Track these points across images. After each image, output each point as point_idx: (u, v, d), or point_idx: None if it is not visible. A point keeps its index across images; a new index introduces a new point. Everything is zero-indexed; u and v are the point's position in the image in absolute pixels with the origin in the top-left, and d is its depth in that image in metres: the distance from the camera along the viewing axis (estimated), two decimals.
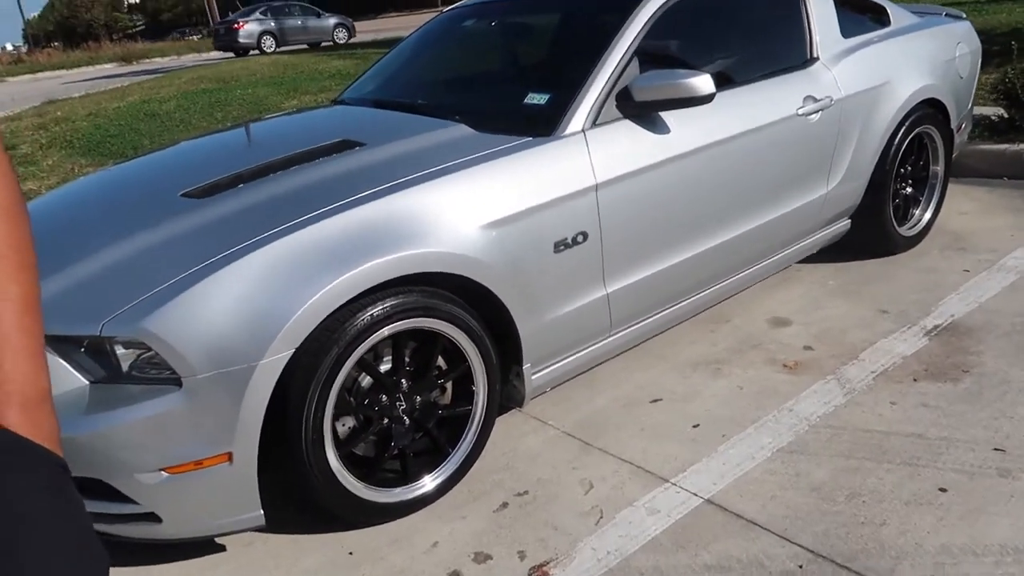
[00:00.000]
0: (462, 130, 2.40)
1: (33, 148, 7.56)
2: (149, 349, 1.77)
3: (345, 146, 2.40)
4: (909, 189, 3.60)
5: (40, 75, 24.11)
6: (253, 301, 1.79)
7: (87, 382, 1.85)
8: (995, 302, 3.02)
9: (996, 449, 2.15)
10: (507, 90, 2.74)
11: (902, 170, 3.49)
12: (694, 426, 2.42)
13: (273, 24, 21.80)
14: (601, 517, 2.06)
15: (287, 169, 2.28)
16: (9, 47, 72.57)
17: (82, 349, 1.84)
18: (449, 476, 2.18)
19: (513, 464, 2.33)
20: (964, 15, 4.02)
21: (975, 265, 3.36)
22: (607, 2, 2.70)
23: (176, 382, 1.78)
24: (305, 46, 21.56)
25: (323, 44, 21.75)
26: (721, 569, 1.83)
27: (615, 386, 2.70)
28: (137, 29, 72.95)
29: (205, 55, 25.95)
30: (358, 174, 2.16)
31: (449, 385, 2.21)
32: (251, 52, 20.69)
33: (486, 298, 2.14)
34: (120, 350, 1.81)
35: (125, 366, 1.82)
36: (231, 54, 21.15)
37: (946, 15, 3.95)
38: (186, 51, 28.23)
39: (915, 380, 2.55)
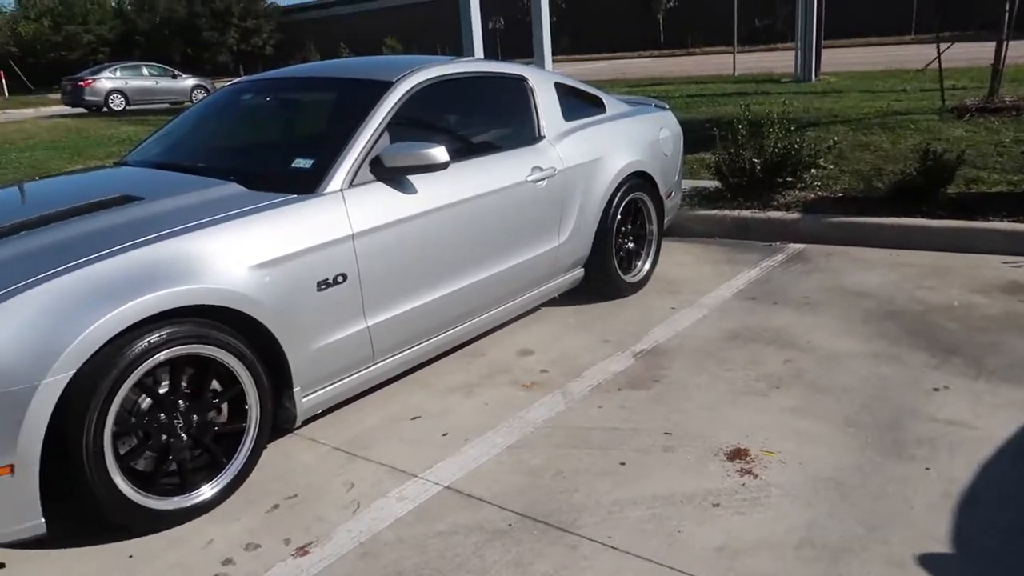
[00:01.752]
0: (235, 188, 2.80)
1: None
2: None
3: (125, 200, 2.71)
4: (631, 244, 4.41)
5: None
6: (37, 329, 2.05)
7: None
8: (688, 330, 3.81)
9: (666, 433, 2.82)
10: (277, 155, 3.17)
11: (623, 228, 4.29)
12: (444, 434, 2.90)
13: (124, 83, 21.99)
14: (358, 507, 2.46)
15: (69, 219, 2.55)
16: None
17: None
18: (226, 485, 2.49)
19: (286, 475, 2.67)
20: (667, 106, 5.01)
21: (680, 304, 4.19)
22: (362, 87, 3.23)
23: None
24: (167, 105, 21.87)
25: (186, 104, 21.72)
26: (449, 533, 2.30)
27: (383, 408, 3.13)
28: None
29: None
30: (137, 222, 2.48)
31: (225, 405, 2.53)
32: (102, 110, 21.06)
33: (256, 329, 2.51)
34: None
35: None
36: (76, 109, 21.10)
37: (655, 106, 4.90)
38: None
39: (619, 389, 3.21)
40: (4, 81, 35.66)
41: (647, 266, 4.50)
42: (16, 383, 2.00)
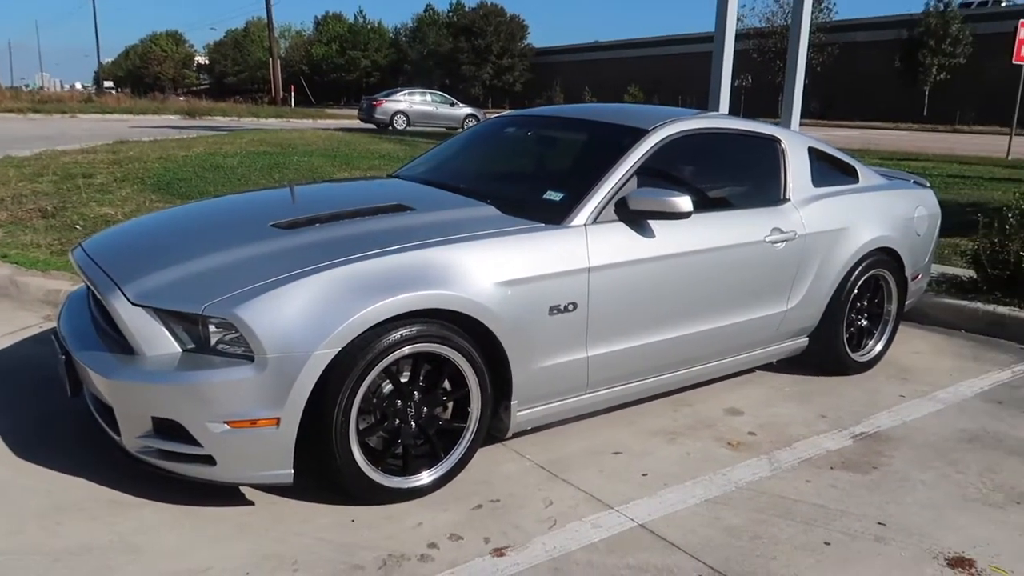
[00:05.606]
0: (491, 210, 3.06)
1: (108, 180, 8.39)
2: (234, 330, 2.37)
3: (399, 208, 3.07)
4: (864, 321, 4.19)
5: (109, 116, 25.66)
6: (317, 307, 2.40)
7: (180, 349, 2.44)
8: (918, 422, 3.55)
9: (879, 523, 2.66)
10: (531, 185, 3.42)
11: (858, 304, 4.09)
12: (643, 474, 2.95)
13: (409, 106, 24.52)
14: (554, 524, 2.57)
15: (353, 219, 2.94)
16: (79, 86, 76.77)
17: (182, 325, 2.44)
18: (441, 476, 2.71)
19: (492, 480, 2.85)
20: (928, 184, 4.71)
21: (911, 393, 3.91)
22: (619, 132, 3.40)
23: (249, 358, 2.36)
24: (443, 129, 23.93)
25: (458, 130, 23.93)
26: (640, 570, 2.34)
27: (586, 438, 3.23)
28: (202, 87, 77.16)
29: (262, 120, 27.57)
30: (407, 229, 2.81)
31: (451, 404, 2.76)
32: (388, 127, 23.24)
33: (488, 340, 2.73)
34: (212, 328, 2.40)
35: (213, 340, 2.41)
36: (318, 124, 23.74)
37: (913, 182, 4.63)
38: (245, 114, 29.94)
39: (832, 468, 3.07)
40: (293, 94, 40.88)
41: (879, 347, 4.24)
42: (296, 350, 2.35)
